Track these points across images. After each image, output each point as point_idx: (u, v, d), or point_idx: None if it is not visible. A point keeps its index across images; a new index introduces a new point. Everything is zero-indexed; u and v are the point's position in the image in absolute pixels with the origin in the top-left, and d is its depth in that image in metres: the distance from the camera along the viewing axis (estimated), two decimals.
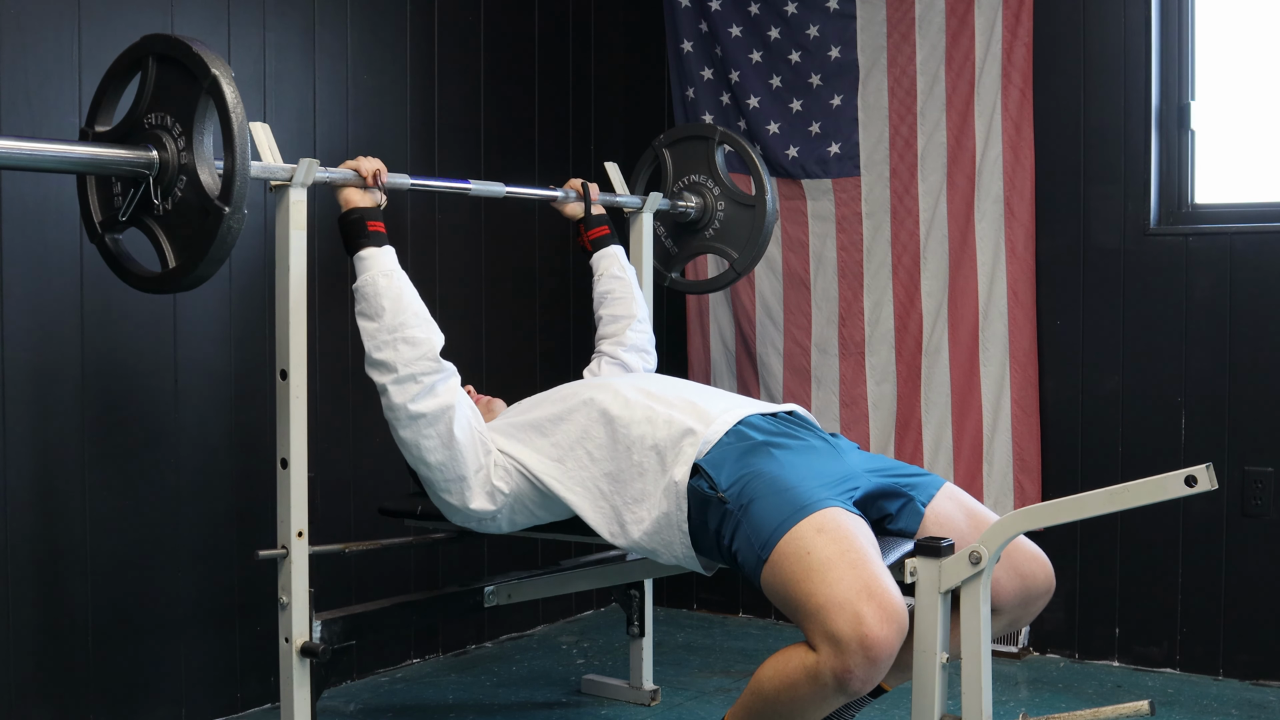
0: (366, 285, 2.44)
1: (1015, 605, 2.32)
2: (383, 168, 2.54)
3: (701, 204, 3.38)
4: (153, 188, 2.07)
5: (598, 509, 2.42)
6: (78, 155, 2.08)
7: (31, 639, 2.75)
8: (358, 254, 2.47)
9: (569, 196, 3.10)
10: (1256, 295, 3.35)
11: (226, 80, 2.00)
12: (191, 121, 2.04)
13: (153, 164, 2.07)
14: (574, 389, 2.59)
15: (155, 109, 2.10)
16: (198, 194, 2.04)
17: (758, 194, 3.33)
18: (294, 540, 2.46)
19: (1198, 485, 1.77)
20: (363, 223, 2.48)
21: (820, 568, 2.04)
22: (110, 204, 2.17)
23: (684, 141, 3.43)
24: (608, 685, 3.36)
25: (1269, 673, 3.36)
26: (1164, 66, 3.50)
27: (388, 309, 2.41)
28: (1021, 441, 3.59)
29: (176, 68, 2.06)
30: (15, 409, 2.72)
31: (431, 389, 2.42)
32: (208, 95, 2.02)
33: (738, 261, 3.36)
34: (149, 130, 2.09)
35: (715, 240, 3.40)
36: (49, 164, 2.09)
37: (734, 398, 2.52)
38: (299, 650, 2.45)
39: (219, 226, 2.00)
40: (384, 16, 3.48)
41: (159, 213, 2.09)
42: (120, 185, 2.16)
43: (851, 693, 1.98)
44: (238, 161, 2.00)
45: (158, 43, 2.11)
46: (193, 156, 2.04)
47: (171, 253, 2.09)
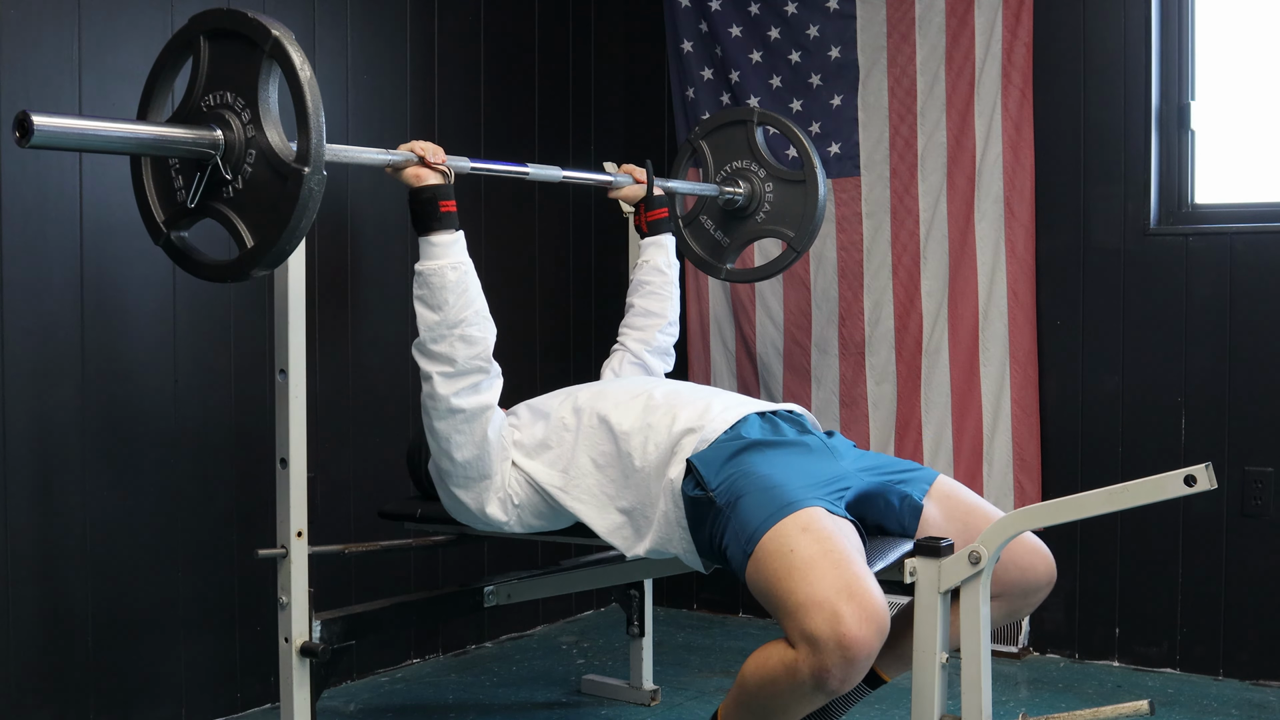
0: (433, 274, 2.36)
1: (1015, 594, 2.32)
2: (439, 149, 2.44)
3: (749, 189, 3.27)
4: (221, 166, 1.95)
5: (605, 517, 2.43)
6: (141, 135, 1.95)
7: (31, 639, 2.75)
8: (428, 237, 2.38)
9: (624, 180, 3.02)
10: (1256, 295, 3.35)
11: (289, 40, 1.90)
12: (255, 91, 1.92)
13: (218, 143, 1.95)
14: (574, 396, 2.59)
15: (212, 89, 1.98)
16: (271, 163, 1.92)
17: (806, 168, 3.21)
18: (293, 540, 2.46)
19: (1197, 485, 1.77)
20: (435, 202, 2.38)
21: (802, 566, 2.04)
22: (172, 199, 2.05)
23: (721, 130, 3.32)
24: (608, 685, 3.36)
25: (1269, 673, 3.36)
26: (1164, 66, 3.49)
27: (452, 304, 2.36)
28: (1021, 441, 3.59)
29: (231, 40, 1.96)
30: (15, 409, 2.72)
31: (477, 387, 2.41)
32: (270, 58, 1.91)
33: (795, 240, 3.23)
34: (208, 112, 1.98)
35: (768, 223, 3.28)
36: (111, 144, 1.96)
37: (734, 397, 2.52)
38: (299, 650, 2.45)
39: (300, 189, 1.87)
40: (384, 16, 3.48)
41: (229, 193, 1.97)
42: (181, 178, 2.04)
43: (830, 691, 1.98)
44: (312, 120, 1.88)
45: (207, 19, 2.00)
46: (260, 127, 1.93)
47: (248, 232, 1.95)
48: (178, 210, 2.04)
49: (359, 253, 3.42)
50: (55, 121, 1.84)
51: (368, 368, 3.44)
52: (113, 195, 2.86)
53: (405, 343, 3.52)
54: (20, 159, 2.71)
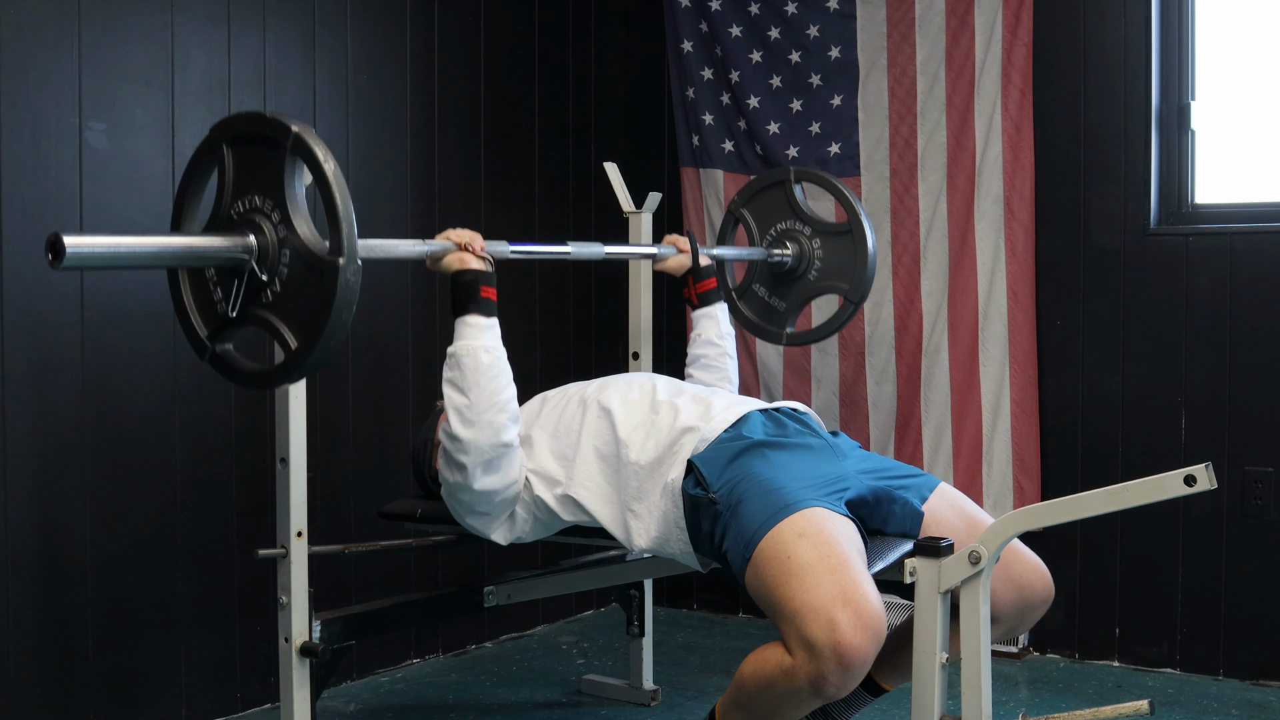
0: (466, 356, 2.36)
1: (1012, 615, 2.32)
2: (477, 236, 2.45)
3: (797, 250, 3.19)
4: (256, 270, 1.93)
5: (607, 506, 2.43)
6: (174, 247, 1.95)
7: (31, 639, 2.75)
8: (463, 318, 2.39)
9: (668, 251, 2.98)
10: (1256, 295, 3.35)
11: (309, 134, 1.89)
12: (282, 190, 1.92)
13: (251, 248, 1.94)
14: (581, 388, 2.60)
15: (240, 194, 1.98)
16: (305, 260, 1.91)
17: (850, 217, 3.13)
18: (293, 540, 2.46)
19: (1197, 485, 1.77)
20: (476, 286, 2.39)
21: (799, 572, 2.04)
22: (213, 312, 2.03)
23: (760, 194, 3.26)
24: (608, 685, 3.36)
25: (1269, 673, 3.36)
26: (1164, 66, 3.49)
27: (484, 388, 2.36)
28: (1021, 441, 3.59)
29: (254, 143, 1.96)
30: (15, 409, 2.72)
31: (503, 468, 2.42)
32: (294, 154, 1.91)
33: (851, 291, 3.14)
34: (239, 219, 1.97)
35: (821, 279, 3.19)
36: (144, 259, 1.94)
37: (735, 396, 2.53)
38: (299, 650, 2.45)
39: (337, 283, 1.85)
40: (384, 16, 3.48)
41: (268, 298, 1.95)
42: (220, 290, 2.01)
43: (827, 696, 1.99)
44: (341, 211, 1.87)
45: (228, 127, 2.00)
46: (291, 226, 1.92)
47: (291, 334, 1.93)
48: (219, 322, 2.02)
49: None
50: (87, 241, 1.82)
51: (368, 367, 3.44)
52: (112, 195, 2.86)
53: (405, 342, 3.52)
54: (20, 159, 2.71)
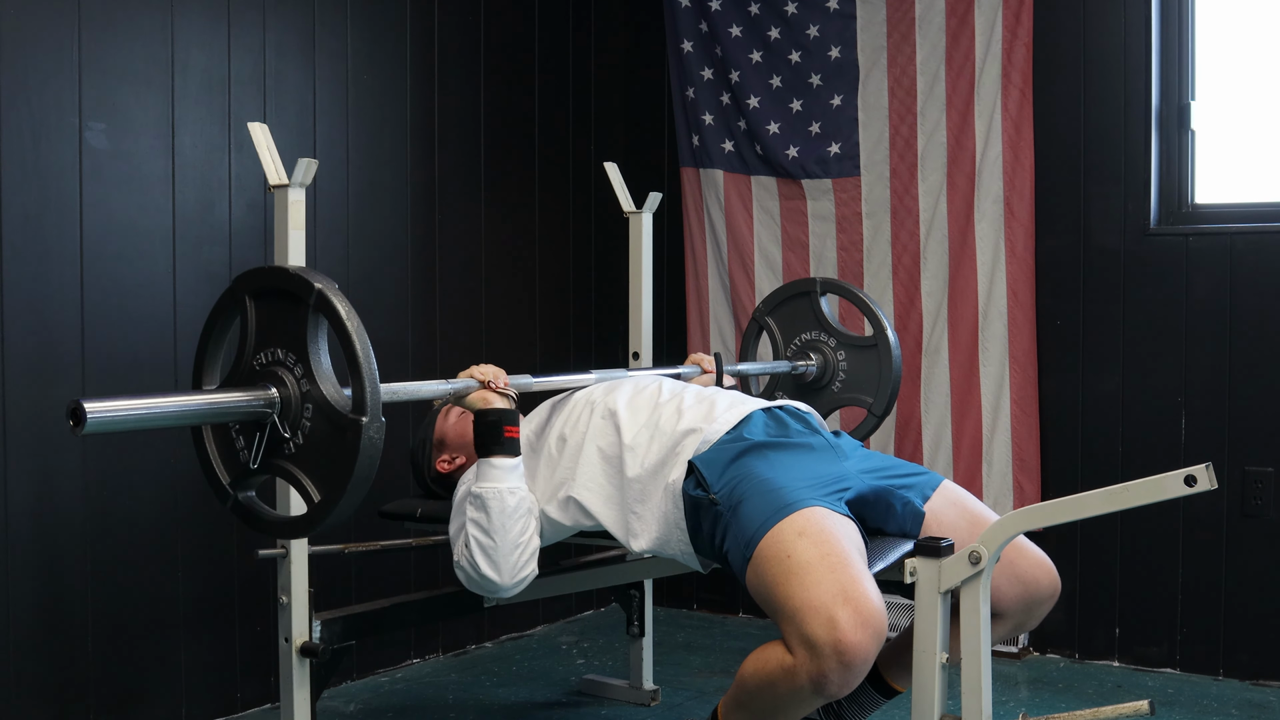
0: (492, 498, 2.38)
1: (1019, 611, 2.32)
2: (501, 373, 2.47)
3: (822, 361, 3.20)
4: (279, 424, 1.95)
5: (609, 508, 2.43)
6: (195, 406, 1.95)
7: (31, 639, 2.75)
8: (488, 459, 2.41)
9: (692, 371, 2.96)
10: (1256, 295, 3.35)
11: (332, 291, 1.90)
12: (305, 345, 1.94)
13: (274, 401, 1.95)
14: (586, 393, 2.61)
15: (263, 347, 1.99)
16: (328, 416, 1.93)
17: (876, 331, 3.14)
18: (294, 540, 2.46)
19: (1197, 485, 1.77)
20: (500, 426, 2.41)
21: (799, 570, 2.05)
22: (235, 460, 2.04)
23: (785, 303, 3.26)
24: (608, 685, 3.36)
25: (1269, 673, 3.36)
26: (1164, 66, 3.49)
27: (509, 530, 2.37)
28: (1021, 441, 3.59)
29: (276, 298, 1.97)
30: (15, 409, 2.72)
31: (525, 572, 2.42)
32: (316, 311, 1.92)
33: (874, 405, 3.15)
34: (261, 371, 1.99)
35: (845, 392, 3.21)
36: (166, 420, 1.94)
37: (739, 395, 2.53)
38: (299, 650, 2.45)
39: (359, 440, 1.88)
40: (384, 16, 3.48)
41: (290, 450, 1.97)
42: (242, 439, 2.03)
43: (828, 695, 1.99)
44: (364, 369, 1.88)
45: (251, 280, 2.01)
46: (314, 381, 1.93)
47: (313, 486, 1.95)
48: (241, 471, 2.03)
49: (359, 252, 3.42)
50: (106, 406, 1.82)
51: None
52: (112, 194, 2.86)
53: (404, 342, 3.53)
54: (20, 159, 2.71)
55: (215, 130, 3.06)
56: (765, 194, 4.01)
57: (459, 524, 2.41)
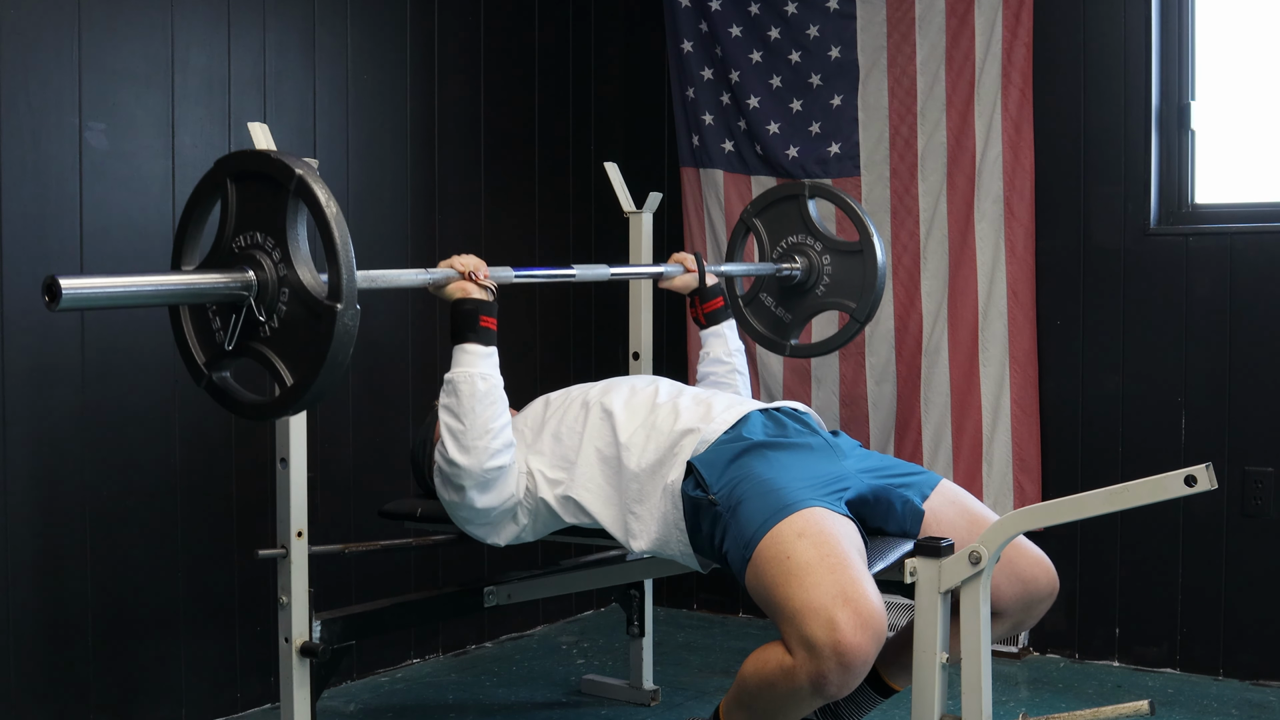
0: (462, 382, 2.38)
1: (1018, 609, 2.32)
2: (481, 264, 2.46)
3: (807, 264, 3.18)
4: (255, 307, 1.95)
5: (608, 508, 2.43)
6: (172, 286, 1.95)
7: (31, 639, 2.75)
8: (461, 345, 2.40)
9: (675, 270, 2.98)
10: (1256, 295, 3.35)
11: (313, 178, 1.91)
12: (284, 230, 1.94)
13: (250, 284, 1.95)
14: (584, 391, 2.61)
15: (242, 230, 1.99)
16: (304, 301, 1.93)
17: (862, 237, 3.13)
18: (293, 540, 2.46)
19: (1197, 485, 1.77)
20: (476, 315, 2.40)
21: (798, 572, 2.05)
22: (211, 341, 2.05)
23: (773, 205, 3.24)
24: (608, 685, 3.36)
25: (1269, 673, 3.36)
26: (1164, 66, 3.49)
27: (479, 414, 2.37)
28: (1021, 441, 3.59)
29: (256, 181, 1.98)
30: (15, 410, 2.72)
31: (499, 487, 2.42)
32: (296, 196, 1.92)
33: (857, 310, 3.14)
34: (240, 253, 1.99)
35: (828, 296, 3.19)
36: (142, 299, 1.97)
37: (735, 396, 2.53)
38: (299, 650, 2.46)
39: (334, 327, 1.88)
40: (384, 16, 3.48)
41: (265, 333, 1.98)
42: (219, 319, 2.04)
43: (828, 696, 2.00)
44: (341, 256, 1.90)
45: (232, 163, 2.02)
46: (291, 265, 1.93)
47: (287, 370, 1.96)
48: (217, 352, 2.04)
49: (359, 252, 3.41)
50: (83, 282, 1.82)
51: (368, 367, 3.44)
52: (112, 194, 2.86)
53: (405, 341, 3.52)
54: (20, 159, 2.71)
55: (215, 130, 3.06)
56: None
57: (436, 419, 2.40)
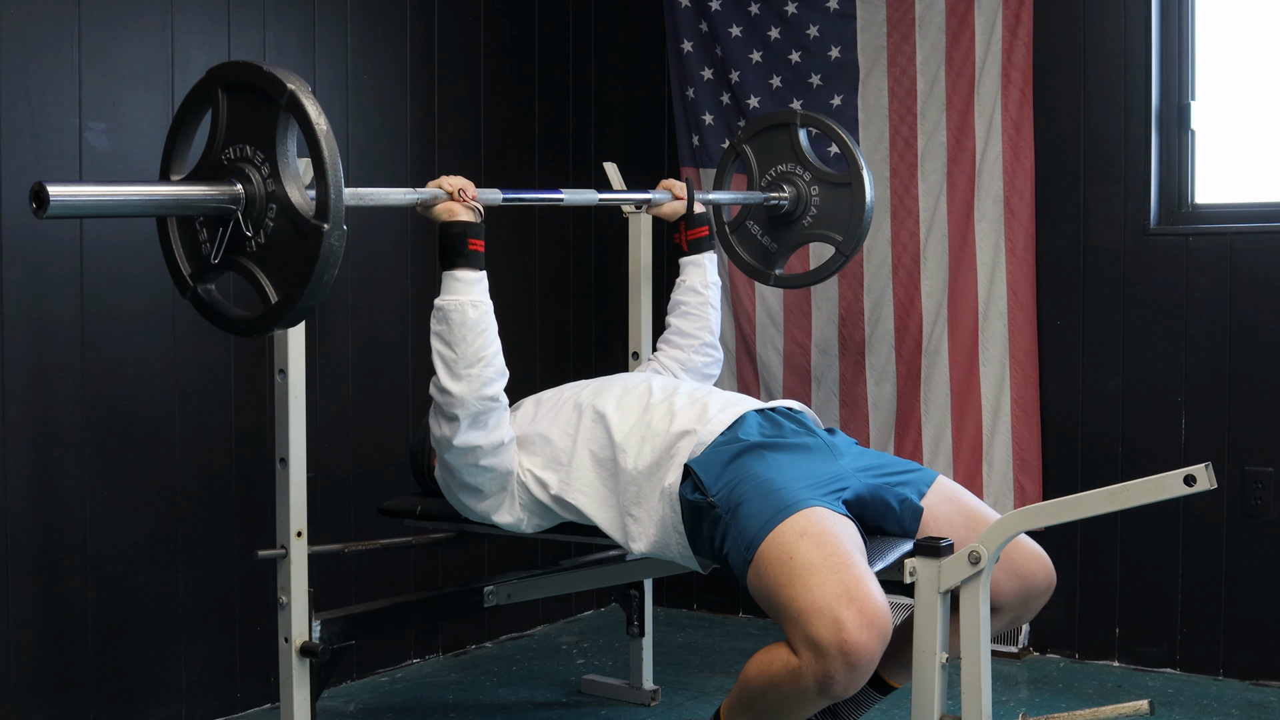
0: (453, 310, 2.36)
1: (1015, 604, 2.32)
2: (469, 184, 2.43)
3: (794, 193, 3.19)
4: (242, 222, 1.94)
5: (605, 511, 2.43)
6: (159, 197, 1.95)
7: (31, 639, 2.75)
8: (451, 271, 2.38)
9: (663, 197, 2.98)
10: (1256, 295, 3.35)
11: (304, 93, 1.89)
12: (274, 145, 1.92)
13: (239, 198, 1.94)
14: (578, 391, 2.60)
15: (232, 142, 1.97)
16: (291, 218, 1.91)
17: (851, 169, 3.13)
18: (293, 540, 2.46)
19: (1197, 485, 1.77)
20: (464, 239, 2.37)
21: (802, 572, 2.05)
22: (198, 253, 2.04)
23: (764, 133, 3.25)
24: (608, 685, 3.36)
25: (1269, 673, 3.36)
26: (1164, 66, 3.49)
27: (470, 341, 2.35)
28: (1021, 441, 3.59)
29: (248, 93, 1.95)
30: (15, 409, 2.72)
31: (489, 423, 2.41)
32: (287, 112, 1.90)
33: (843, 243, 3.16)
34: (229, 166, 1.97)
35: (815, 227, 3.21)
36: (128, 208, 1.96)
37: (732, 396, 2.52)
38: (298, 650, 2.46)
39: (320, 246, 1.86)
40: (384, 16, 3.48)
41: (252, 248, 1.96)
42: (206, 231, 2.02)
43: (835, 696, 1.99)
44: (329, 174, 1.88)
45: (225, 72, 2.00)
46: (280, 181, 1.92)
47: (271, 287, 1.95)
48: (203, 264, 2.04)
49: (359, 251, 3.42)
50: (71, 190, 1.83)
51: (368, 367, 3.44)
52: None
53: (405, 341, 3.52)
54: (20, 159, 2.71)
55: None
56: None
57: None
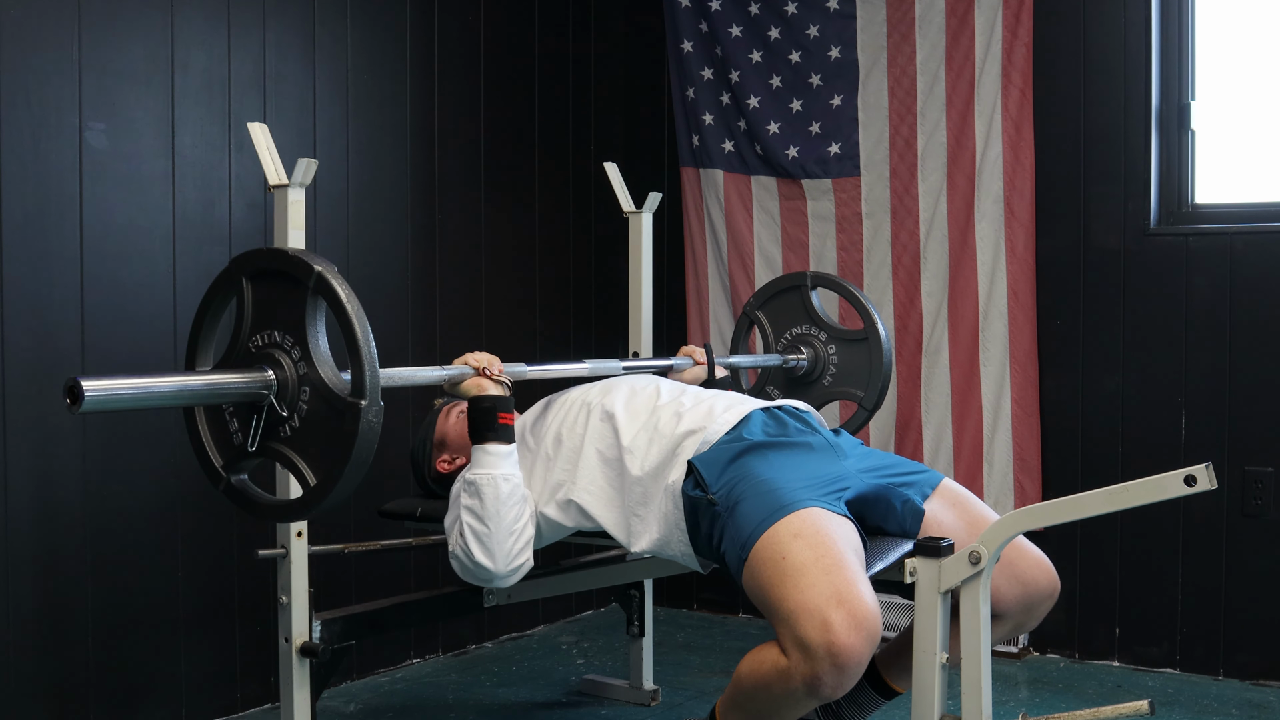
0: (486, 485, 2.38)
1: (1018, 611, 2.32)
2: (495, 360, 2.49)
3: (812, 354, 3.21)
4: (276, 405, 1.94)
5: (610, 511, 2.43)
6: (194, 386, 1.93)
7: (31, 639, 2.75)
8: (482, 445, 2.42)
9: (685, 364, 2.97)
10: (1256, 295, 3.35)
11: (332, 274, 1.90)
12: (303, 328, 1.93)
13: (270, 384, 1.94)
14: (583, 392, 2.60)
15: (260, 329, 1.98)
16: (326, 399, 1.92)
17: (866, 325, 3.15)
18: (294, 540, 2.46)
19: (1197, 485, 1.77)
20: (494, 413, 2.42)
21: (794, 573, 2.05)
22: (228, 444, 2.03)
23: (776, 297, 3.27)
24: (608, 685, 3.36)
25: (1269, 673, 3.36)
26: (1164, 66, 3.49)
27: (504, 517, 2.37)
28: (1022, 441, 3.59)
29: (274, 279, 1.97)
30: (15, 409, 2.72)
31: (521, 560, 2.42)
32: (316, 294, 1.91)
33: (865, 399, 3.16)
34: (258, 353, 1.97)
35: (835, 385, 3.21)
36: (163, 399, 1.94)
37: (737, 396, 2.53)
38: (299, 650, 2.45)
39: (358, 424, 1.87)
40: (384, 16, 3.48)
41: (286, 433, 1.96)
42: (237, 420, 2.02)
43: (822, 697, 2.00)
44: (364, 352, 1.88)
45: (249, 262, 2.00)
46: (311, 364, 1.92)
47: (309, 470, 1.94)
48: (235, 454, 2.03)
49: (359, 253, 3.42)
50: (104, 385, 1.81)
51: None
52: (112, 194, 2.86)
53: (404, 342, 3.52)
54: (20, 159, 2.71)
55: (215, 130, 3.06)
56: (765, 194, 4.01)
57: (454, 515, 2.42)
